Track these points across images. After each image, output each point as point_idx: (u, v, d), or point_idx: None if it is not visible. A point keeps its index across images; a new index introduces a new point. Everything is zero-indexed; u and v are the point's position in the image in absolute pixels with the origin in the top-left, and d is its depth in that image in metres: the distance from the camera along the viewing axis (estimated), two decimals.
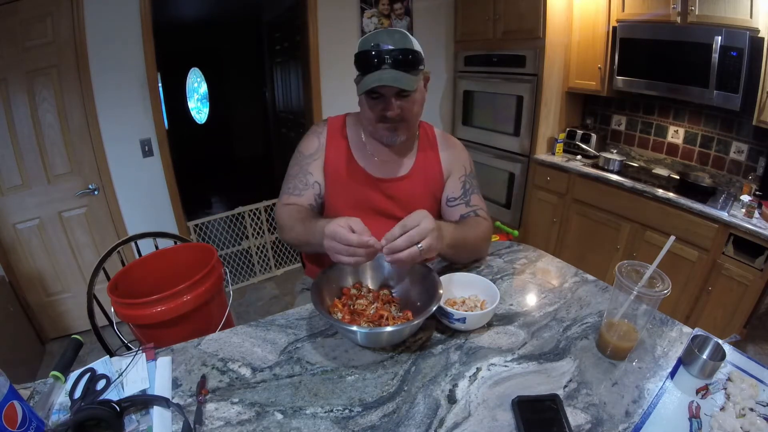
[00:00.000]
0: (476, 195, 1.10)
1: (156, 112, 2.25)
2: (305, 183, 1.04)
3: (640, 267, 0.73)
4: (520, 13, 2.55)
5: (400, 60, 0.88)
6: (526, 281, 1.02)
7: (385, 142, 1.01)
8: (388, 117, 0.94)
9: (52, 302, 2.22)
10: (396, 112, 0.93)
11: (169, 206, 2.46)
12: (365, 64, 0.89)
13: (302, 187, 1.04)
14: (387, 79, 0.87)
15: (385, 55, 0.87)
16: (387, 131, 0.97)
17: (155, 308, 1.06)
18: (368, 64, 0.89)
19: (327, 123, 1.10)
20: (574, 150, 2.66)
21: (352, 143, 1.07)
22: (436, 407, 0.65)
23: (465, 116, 3.20)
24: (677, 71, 2.04)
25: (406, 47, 0.89)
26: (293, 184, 1.05)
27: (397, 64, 0.88)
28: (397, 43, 0.89)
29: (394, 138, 0.99)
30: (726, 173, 2.19)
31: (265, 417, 0.63)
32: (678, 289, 1.98)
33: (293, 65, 3.26)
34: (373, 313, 0.81)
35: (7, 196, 1.97)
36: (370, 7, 2.79)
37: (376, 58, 0.87)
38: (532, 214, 2.83)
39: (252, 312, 2.54)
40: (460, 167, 1.10)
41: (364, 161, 1.06)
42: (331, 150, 1.06)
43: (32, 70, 1.88)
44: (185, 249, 1.37)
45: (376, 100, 0.93)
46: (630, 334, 0.74)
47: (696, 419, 0.62)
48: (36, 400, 0.66)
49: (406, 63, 0.89)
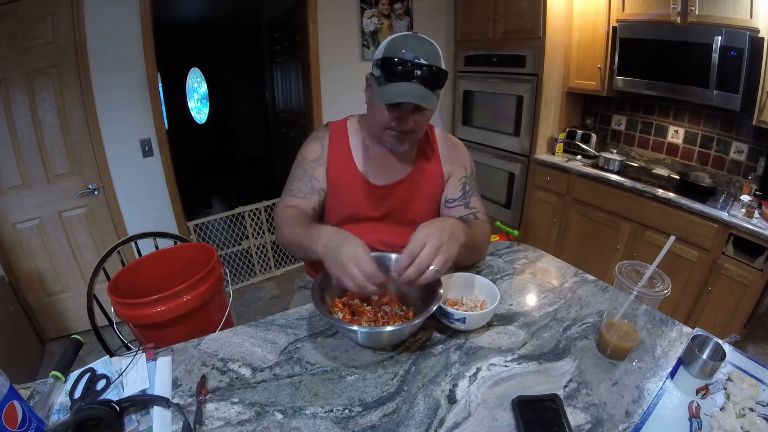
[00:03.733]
0: (475, 197, 1.09)
1: (156, 112, 2.25)
2: (311, 187, 1.03)
3: (640, 267, 0.73)
4: (520, 13, 2.55)
5: (429, 78, 0.86)
6: (526, 281, 1.02)
7: (389, 147, 1.01)
8: (403, 129, 0.93)
9: (52, 302, 2.22)
10: (411, 126, 0.93)
11: (169, 206, 2.45)
12: (394, 72, 0.87)
13: (307, 190, 1.03)
14: (414, 96, 0.85)
15: (417, 69, 0.85)
16: (394, 139, 0.96)
17: (155, 308, 1.06)
18: (398, 72, 0.86)
19: (329, 128, 1.09)
20: (574, 150, 2.66)
21: (354, 149, 1.06)
22: (436, 407, 0.65)
23: (465, 116, 3.20)
24: (677, 71, 2.04)
25: (437, 65, 0.87)
26: (297, 187, 1.04)
27: (425, 81, 0.86)
28: (428, 57, 0.86)
29: (400, 147, 0.98)
30: (726, 173, 2.19)
31: (265, 417, 0.63)
32: (678, 289, 1.98)
33: (293, 65, 3.27)
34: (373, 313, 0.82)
35: (7, 196, 1.97)
36: (370, 7, 2.79)
37: (408, 71, 0.86)
38: (532, 214, 2.83)
39: (252, 312, 2.54)
40: (461, 168, 1.10)
41: (365, 167, 1.05)
42: (333, 156, 1.05)
43: (32, 70, 1.88)
44: (185, 249, 1.36)
45: (394, 109, 0.91)
46: (630, 334, 0.74)
47: (696, 419, 0.62)
48: (36, 400, 0.66)
49: (434, 82, 0.87)
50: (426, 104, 0.87)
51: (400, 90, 0.86)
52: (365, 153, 1.06)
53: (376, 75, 0.93)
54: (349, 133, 1.08)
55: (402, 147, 0.99)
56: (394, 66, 0.86)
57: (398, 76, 0.86)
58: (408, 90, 0.86)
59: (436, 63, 0.88)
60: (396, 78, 0.87)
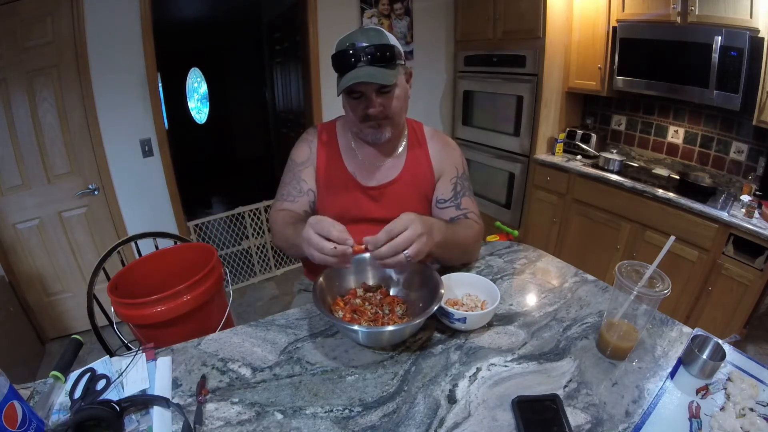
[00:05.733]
0: (467, 198, 1.07)
1: (156, 112, 2.25)
2: (299, 190, 1.04)
3: (640, 267, 0.73)
4: (520, 13, 2.55)
5: (377, 56, 0.87)
6: (526, 281, 1.02)
7: (371, 140, 1.00)
8: (371, 115, 0.93)
9: (52, 302, 2.22)
10: (378, 109, 0.92)
11: (169, 206, 2.46)
12: (341, 64, 0.89)
13: (296, 194, 1.04)
14: (363, 76, 0.86)
15: (360, 53, 0.86)
16: (371, 129, 0.96)
17: (155, 308, 1.06)
18: (344, 63, 0.88)
19: (317, 130, 1.09)
20: (574, 150, 2.66)
21: (343, 149, 1.07)
22: (436, 407, 0.65)
23: (465, 116, 3.20)
24: (677, 71, 2.04)
25: (381, 43, 0.88)
26: (287, 191, 1.05)
27: (374, 61, 0.87)
28: (371, 40, 0.88)
29: (379, 136, 0.97)
30: (726, 173, 2.19)
31: (265, 417, 0.63)
32: (678, 289, 1.98)
33: (293, 65, 3.26)
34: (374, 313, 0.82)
35: (7, 196, 1.97)
36: (370, 7, 2.79)
37: (353, 57, 0.87)
38: (532, 214, 2.83)
39: (252, 312, 2.54)
40: (452, 168, 1.08)
41: (354, 167, 1.05)
42: (322, 157, 1.06)
43: (32, 70, 1.88)
44: (185, 249, 1.36)
45: (358, 100, 0.92)
46: (630, 334, 0.74)
47: (696, 419, 0.62)
48: (36, 400, 0.66)
49: (383, 58, 0.88)
50: (378, 80, 0.87)
51: (351, 76, 0.87)
52: (354, 154, 1.06)
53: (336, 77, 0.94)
54: (338, 133, 1.08)
55: (382, 135, 0.97)
56: (340, 58, 0.88)
57: (348, 66, 0.88)
58: (357, 73, 0.86)
59: (382, 42, 0.89)
60: (347, 68, 0.88)
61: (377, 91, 0.91)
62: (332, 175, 1.05)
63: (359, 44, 0.87)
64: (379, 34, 0.90)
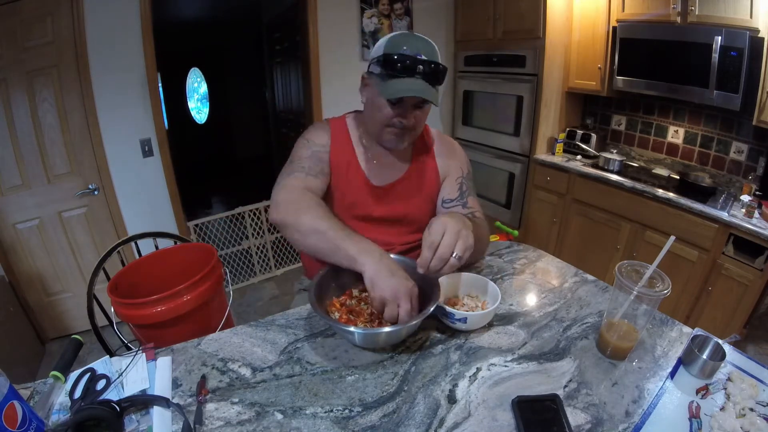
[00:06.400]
0: (472, 197, 1.08)
1: (156, 112, 2.25)
2: (321, 169, 0.99)
3: (640, 267, 0.73)
4: (520, 13, 2.55)
5: (431, 74, 0.88)
6: (526, 281, 1.02)
7: (388, 146, 1.01)
8: (402, 124, 0.94)
9: (52, 302, 2.22)
10: (411, 122, 0.94)
11: (169, 206, 2.45)
12: (397, 68, 0.87)
13: (317, 171, 0.98)
14: (418, 91, 0.86)
15: (419, 65, 0.86)
16: (394, 136, 0.97)
17: (155, 308, 1.06)
18: (400, 68, 0.87)
19: (329, 123, 1.08)
20: (574, 150, 2.66)
21: (356, 146, 1.06)
22: (436, 407, 0.65)
23: (465, 116, 3.20)
24: (677, 71, 2.04)
25: (438, 61, 0.89)
26: (307, 165, 0.97)
27: (427, 77, 0.88)
28: (429, 54, 0.89)
29: (399, 143, 0.99)
30: (726, 173, 2.19)
31: (265, 417, 0.63)
32: (678, 289, 1.98)
33: (293, 65, 3.26)
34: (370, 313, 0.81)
35: (7, 196, 1.97)
36: (370, 7, 2.79)
37: (411, 66, 0.87)
38: (532, 214, 2.83)
39: (252, 312, 2.54)
40: (457, 169, 1.09)
41: (365, 165, 1.05)
42: (336, 150, 1.04)
43: (32, 70, 1.88)
44: (185, 249, 1.36)
45: (395, 106, 0.92)
46: (630, 334, 0.74)
47: (696, 419, 0.62)
48: (36, 400, 0.66)
49: (436, 77, 0.89)
50: (430, 98, 0.88)
51: (405, 85, 0.87)
52: (365, 152, 1.06)
53: (376, 72, 0.93)
54: (350, 129, 1.08)
55: (402, 144, 0.99)
56: (397, 62, 0.87)
57: (401, 72, 0.87)
58: (412, 85, 0.87)
59: (436, 59, 0.90)
60: (399, 74, 0.87)
61: (415, 105, 0.92)
62: (345, 170, 1.03)
63: (418, 54, 0.87)
64: (433, 49, 0.91)
